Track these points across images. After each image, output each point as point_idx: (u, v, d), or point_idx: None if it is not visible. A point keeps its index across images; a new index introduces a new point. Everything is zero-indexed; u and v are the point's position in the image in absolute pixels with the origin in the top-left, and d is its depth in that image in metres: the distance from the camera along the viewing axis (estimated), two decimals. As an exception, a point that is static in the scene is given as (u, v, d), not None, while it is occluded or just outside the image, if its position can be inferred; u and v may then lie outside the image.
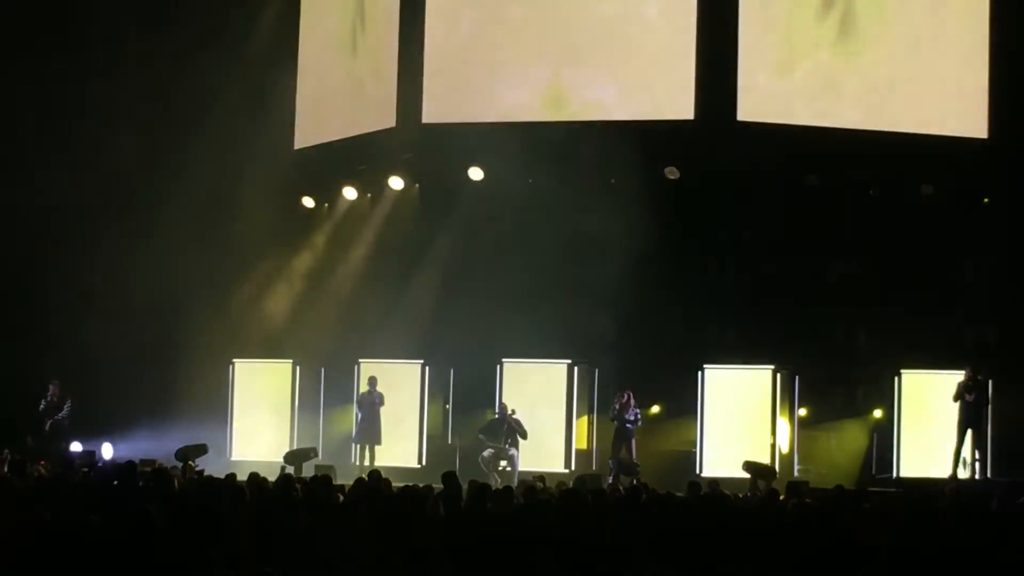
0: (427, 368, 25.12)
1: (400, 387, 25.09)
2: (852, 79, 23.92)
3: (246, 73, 25.93)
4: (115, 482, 15.01)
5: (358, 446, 24.30)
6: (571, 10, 24.21)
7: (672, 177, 23.92)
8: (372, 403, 24.27)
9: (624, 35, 24.07)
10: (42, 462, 20.56)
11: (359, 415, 24.31)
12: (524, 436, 23.38)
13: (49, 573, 10.50)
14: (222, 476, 15.81)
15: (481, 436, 23.58)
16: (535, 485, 15.19)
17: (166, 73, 25.60)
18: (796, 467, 23.51)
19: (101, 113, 25.29)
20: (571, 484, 17.50)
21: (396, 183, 25.81)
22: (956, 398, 22.52)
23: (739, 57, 23.58)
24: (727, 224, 24.46)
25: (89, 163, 25.29)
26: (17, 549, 10.84)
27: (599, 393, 24.60)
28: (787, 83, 23.95)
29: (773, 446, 23.49)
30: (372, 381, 24.47)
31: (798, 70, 23.98)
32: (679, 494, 15.25)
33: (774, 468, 22.65)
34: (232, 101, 25.68)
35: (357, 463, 23.96)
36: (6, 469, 17.03)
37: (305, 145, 26.58)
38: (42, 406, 24.13)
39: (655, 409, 24.59)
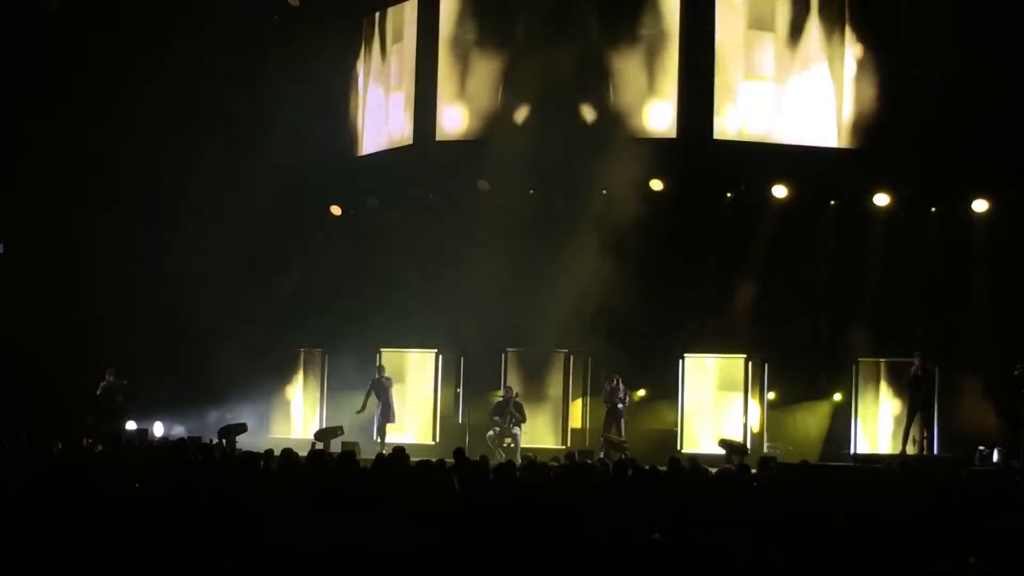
0: (440, 356, 25.15)
1: (417, 373, 25.20)
2: (814, 103, 24.01)
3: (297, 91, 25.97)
4: (166, 456, 15.08)
5: (376, 425, 24.36)
6: (569, 44, 24.27)
7: (656, 188, 23.95)
8: (384, 388, 24.32)
9: (615, 63, 24.13)
10: (90, 439, 20.56)
11: (377, 400, 24.34)
12: (524, 420, 23.44)
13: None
14: (260, 451, 15.83)
15: (496, 418, 23.57)
16: (535, 460, 15.22)
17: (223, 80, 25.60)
18: (766, 444, 23.51)
19: (163, 109, 25.14)
20: (563, 459, 17.50)
21: (414, 193, 25.80)
22: (906, 383, 22.56)
23: (715, 84, 23.66)
24: (705, 229, 24.45)
25: (142, 162, 25.27)
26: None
27: (592, 378, 24.63)
28: (757, 106, 24.00)
29: (745, 425, 23.53)
30: (381, 368, 24.50)
31: (767, 95, 24.02)
32: (661, 468, 15.26)
33: (746, 445, 22.67)
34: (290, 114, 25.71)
35: (377, 440, 24.00)
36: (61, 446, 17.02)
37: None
38: (99, 390, 24.14)
39: (641, 392, 24.61)
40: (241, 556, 10.44)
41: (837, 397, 23.97)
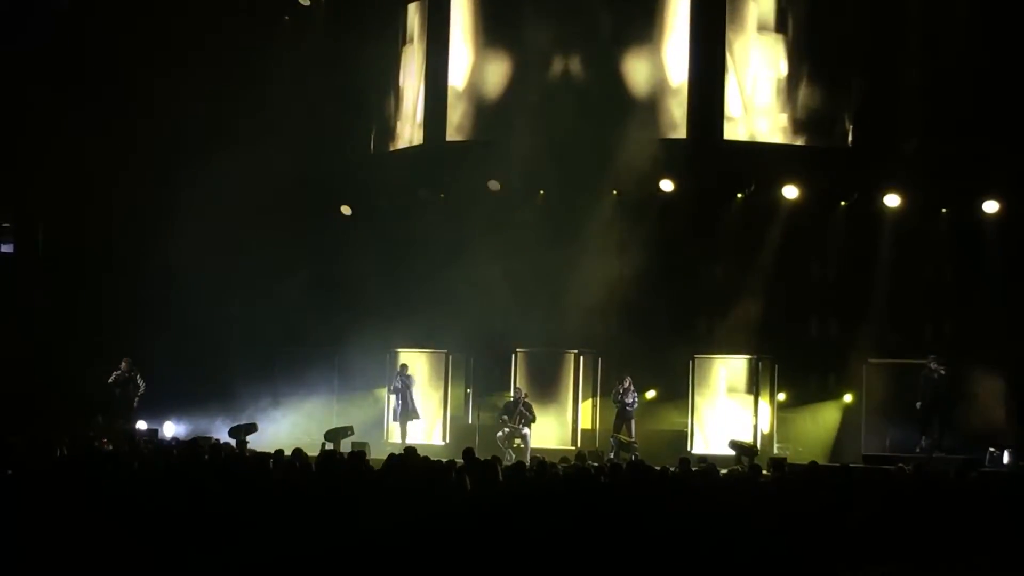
0: (450, 357, 25.16)
1: (427, 373, 25.22)
2: (824, 102, 24.01)
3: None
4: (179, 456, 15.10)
5: (397, 423, 24.38)
6: (579, 43, 24.31)
7: (666, 188, 23.87)
8: (406, 387, 24.37)
9: (625, 63, 24.15)
10: (103, 439, 20.55)
11: (397, 398, 24.36)
12: (533, 420, 23.46)
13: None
14: (271, 451, 15.83)
15: (505, 418, 23.56)
16: (545, 461, 15.22)
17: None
18: (776, 445, 23.51)
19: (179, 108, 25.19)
20: (573, 460, 17.50)
21: (424, 193, 25.81)
22: (918, 384, 22.52)
23: (725, 87, 23.68)
24: (715, 229, 24.46)
25: (151, 159, 25.28)
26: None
27: (602, 379, 24.64)
28: (764, 109, 24.01)
29: (755, 426, 23.53)
30: (404, 367, 24.58)
31: (774, 99, 24.03)
32: (672, 469, 15.27)
33: (756, 446, 22.68)
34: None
35: (392, 440, 24.00)
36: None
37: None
38: (112, 377, 24.00)
39: (651, 393, 24.58)
40: (250, 555, 10.47)
41: (847, 398, 23.94)
